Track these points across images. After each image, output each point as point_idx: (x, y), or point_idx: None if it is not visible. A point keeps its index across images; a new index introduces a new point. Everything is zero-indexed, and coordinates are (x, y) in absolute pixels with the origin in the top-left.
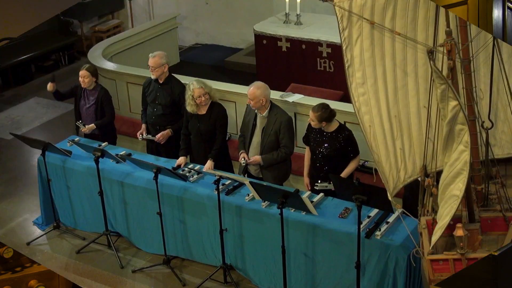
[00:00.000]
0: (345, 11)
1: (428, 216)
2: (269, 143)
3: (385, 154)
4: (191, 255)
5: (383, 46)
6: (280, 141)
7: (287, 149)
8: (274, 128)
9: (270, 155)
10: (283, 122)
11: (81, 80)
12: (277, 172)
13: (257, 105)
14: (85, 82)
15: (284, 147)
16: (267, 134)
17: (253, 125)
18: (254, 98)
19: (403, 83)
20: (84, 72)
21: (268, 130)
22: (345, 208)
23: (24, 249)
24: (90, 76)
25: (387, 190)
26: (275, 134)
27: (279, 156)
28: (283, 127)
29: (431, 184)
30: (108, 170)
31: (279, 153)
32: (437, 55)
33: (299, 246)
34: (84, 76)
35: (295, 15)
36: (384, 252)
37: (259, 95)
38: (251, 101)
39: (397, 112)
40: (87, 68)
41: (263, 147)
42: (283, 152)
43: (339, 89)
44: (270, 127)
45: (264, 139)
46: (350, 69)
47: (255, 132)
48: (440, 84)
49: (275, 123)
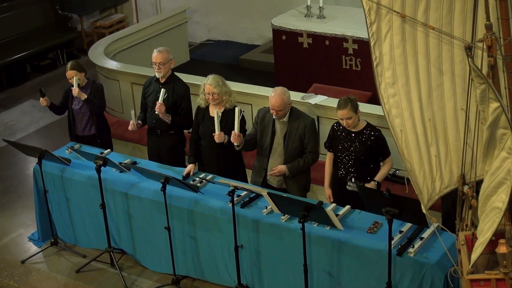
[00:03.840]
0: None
1: (468, 231)
2: (293, 150)
3: (418, 162)
4: (203, 275)
5: (416, 42)
6: (305, 147)
7: (314, 154)
8: (298, 133)
9: (296, 163)
10: (307, 125)
11: (72, 82)
12: (303, 181)
13: (283, 113)
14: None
15: (310, 152)
16: (290, 140)
17: (273, 132)
18: (283, 107)
19: (438, 83)
20: (70, 72)
21: (291, 136)
22: (374, 222)
23: (18, 268)
24: (78, 73)
25: (421, 202)
26: (300, 139)
27: (305, 163)
28: (308, 130)
29: (470, 195)
30: (111, 180)
31: (305, 160)
32: (476, 51)
33: (322, 264)
34: (72, 76)
35: (318, 8)
36: (418, 271)
37: (287, 102)
38: (278, 112)
39: (432, 115)
40: (71, 66)
41: (287, 155)
42: (310, 158)
43: (367, 89)
44: (293, 132)
45: (287, 146)
46: (379, 68)
47: (275, 140)
48: (480, 83)
49: (299, 127)
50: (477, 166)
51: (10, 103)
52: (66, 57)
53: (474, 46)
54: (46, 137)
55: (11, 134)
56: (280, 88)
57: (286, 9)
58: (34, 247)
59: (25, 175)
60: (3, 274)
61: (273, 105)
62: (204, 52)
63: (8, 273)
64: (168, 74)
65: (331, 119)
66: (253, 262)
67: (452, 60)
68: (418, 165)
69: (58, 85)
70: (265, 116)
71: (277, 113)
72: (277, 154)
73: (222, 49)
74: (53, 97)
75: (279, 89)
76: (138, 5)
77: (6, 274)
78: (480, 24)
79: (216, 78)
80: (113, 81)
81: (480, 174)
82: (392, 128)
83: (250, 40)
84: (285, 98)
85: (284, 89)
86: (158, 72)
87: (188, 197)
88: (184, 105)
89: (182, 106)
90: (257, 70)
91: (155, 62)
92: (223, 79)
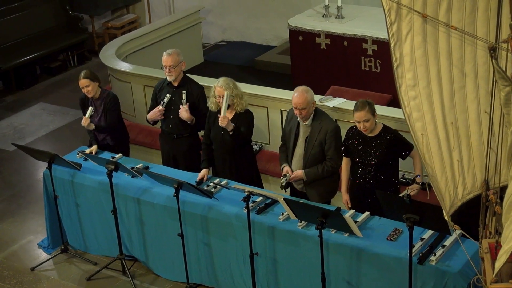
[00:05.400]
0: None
1: (491, 238)
2: (313, 155)
3: (440, 167)
4: (217, 283)
5: (437, 43)
6: (326, 153)
7: (333, 162)
8: (319, 138)
9: (314, 169)
10: (329, 131)
11: (84, 91)
12: (323, 188)
13: (308, 113)
14: (89, 91)
15: (330, 160)
16: (311, 144)
17: (296, 134)
18: (307, 104)
19: (461, 85)
20: (84, 81)
21: (312, 140)
22: (395, 229)
23: (28, 275)
24: (92, 82)
25: (442, 208)
26: (320, 145)
27: (324, 170)
28: (329, 137)
29: (494, 201)
30: (123, 186)
31: (324, 167)
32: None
33: (341, 273)
34: (85, 85)
35: (336, 7)
36: (440, 280)
37: (310, 99)
38: (301, 111)
39: (454, 118)
40: (84, 75)
41: (307, 159)
42: (329, 166)
43: (387, 92)
44: (314, 136)
45: (307, 150)
46: (399, 69)
47: (298, 143)
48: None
49: (320, 132)
50: (501, 171)
51: (20, 106)
52: (76, 58)
53: (498, 47)
54: (56, 141)
55: (21, 138)
56: (303, 86)
57: (303, 9)
58: (44, 254)
59: (35, 180)
60: (12, 281)
61: (295, 103)
62: (218, 54)
63: (18, 280)
64: (181, 76)
65: (349, 122)
66: (269, 270)
67: (475, 61)
68: (440, 170)
69: (68, 88)
70: (293, 117)
71: (300, 112)
72: (298, 158)
73: (237, 50)
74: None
75: (302, 87)
76: (150, 5)
77: (15, 281)
78: (504, 24)
79: (227, 80)
80: (125, 83)
81: (504, 180)
82: (412, 132)
83: (266, 41)
84: (308, 96)
85: (306, 88)
86: (170, 76)
87: (202, 203)
88: (202, 106)
89: (200, 108)
90: (273, 72)
91: (165, 66)
92: (234, 81)
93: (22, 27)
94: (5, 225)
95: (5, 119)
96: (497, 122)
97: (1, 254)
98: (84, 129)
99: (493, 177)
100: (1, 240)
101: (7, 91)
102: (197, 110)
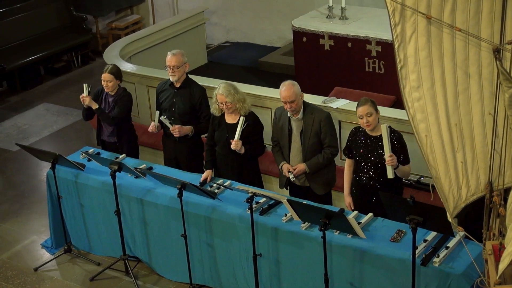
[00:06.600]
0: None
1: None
2: (311, 147)
3: (444, 168)
4: (220, 284)
5: (442, 44)
6: (323, 142)
7: (333, 149)
8: (314, 129)
9: (315, 159)
10: (322, 120)
11: (105, 84)
12: (324, 178)
13: (298, 106)
14: (109, 87)
15: (329, 147)
16: (307, 137)
17: (289, 130)
18: (296, 96)
19: (465, 87)
20: (107, 76)
21: (307, 132)
22: (398, 230)
23: (31, 276)
24: (115, 79)
25: (446, 210)
26: (316, 135)
27: (324, 158)
28: (324, 125)
29: (498, 203)
30: (126, 186)
31: (324, 155)
32: (505, 54)
33: (344, 274)
34: (108, 79)
35: (340, 9)
36: (444, 281)
37: (298, 92)
38: (291, 104)
39: (458, 120)
40: (110, 69)
41: (305, 152)
42: (328, 153)
43: (391, 93)
44: (309, 129)
45: (304, 143)
46: (403, 71)
47: (293, 138)
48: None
49: (314, 123)
50: (505, 173)
51: (23, 107)
52: (80, 59)
53: (503, 49)
54: (60, 141)
55: (24, 138)
56: (288, 80)
57: (307, 10)
58: (47, 255)
59: (38, 180)
60: (15, 282)
61: (284, 96)
62: (222, 54)
63: (21, 280)
64: (183, 78)
65: (353, 123)
66: (272, 271)
67: (479, 62)
68: (444, 172)
69: (72, 89)
70: (281, 115)
71: (290, 105)
72: (295, 152)
73: (241, 51)
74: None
75: (288, 81)
76: (154, 6)
77: (18, 282)
78: (509, 26)
79: (227, 87)
80: (128, 84)
81: (508, 181)
82: (416, 134)
83: (270, 42)
84: (295, 88)
85: (292, 81)
86: (172, 76)
87: (205, 203)
88: (204, 109)
89: (202, 110)
90: (277, 73)
91: (169, 66)
92: (234, 86)
93: (26, 28)
94: (9, 225)
95: (9, 119)
96: (501, 123)
97: (4, 254)
98: (87, 129)
99: (497, 178)
100: (5, 240)
101: (11, 92)
102: (199, 112)
